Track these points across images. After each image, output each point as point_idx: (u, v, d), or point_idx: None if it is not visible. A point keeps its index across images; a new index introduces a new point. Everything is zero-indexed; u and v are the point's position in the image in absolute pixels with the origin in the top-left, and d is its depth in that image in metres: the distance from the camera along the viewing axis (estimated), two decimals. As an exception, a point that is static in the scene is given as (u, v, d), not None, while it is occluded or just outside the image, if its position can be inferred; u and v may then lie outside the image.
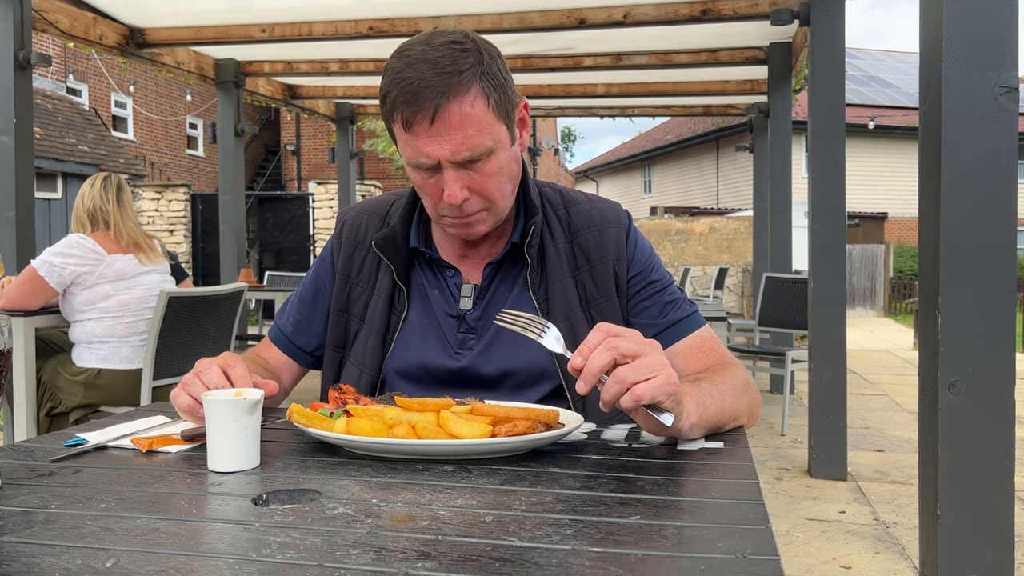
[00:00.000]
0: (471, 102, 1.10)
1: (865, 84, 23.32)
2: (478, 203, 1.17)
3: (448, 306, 1.28)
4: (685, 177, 25.78)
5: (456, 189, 1.14)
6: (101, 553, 0.65)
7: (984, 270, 1.92)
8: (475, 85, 1.10)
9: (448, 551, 0.65)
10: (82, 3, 5.24)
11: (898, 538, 3.23)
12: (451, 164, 1.13)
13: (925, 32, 2.02)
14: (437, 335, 1.27)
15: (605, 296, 1.27)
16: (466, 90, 1.09)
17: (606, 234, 1.29)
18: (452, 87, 1.08)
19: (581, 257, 1.28)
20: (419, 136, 1.11)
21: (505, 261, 1.28)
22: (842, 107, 4.00)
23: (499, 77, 1.13)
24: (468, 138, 1.10)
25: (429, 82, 1.08)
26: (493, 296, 1.27)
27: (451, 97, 1.08)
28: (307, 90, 7.98)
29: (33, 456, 0.98)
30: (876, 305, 15.21)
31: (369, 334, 1.29)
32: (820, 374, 4.04)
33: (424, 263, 1.31)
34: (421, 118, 1.09)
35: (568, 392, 1.23)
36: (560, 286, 1.26)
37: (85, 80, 17.29)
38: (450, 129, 1.10)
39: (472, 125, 1.10)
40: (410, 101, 1.09)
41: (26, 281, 3.07)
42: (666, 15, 4.99)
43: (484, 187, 1.16)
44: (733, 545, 0.66)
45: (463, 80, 1.09)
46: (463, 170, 1.14)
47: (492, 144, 1.13)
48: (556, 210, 1.31)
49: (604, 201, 1.35)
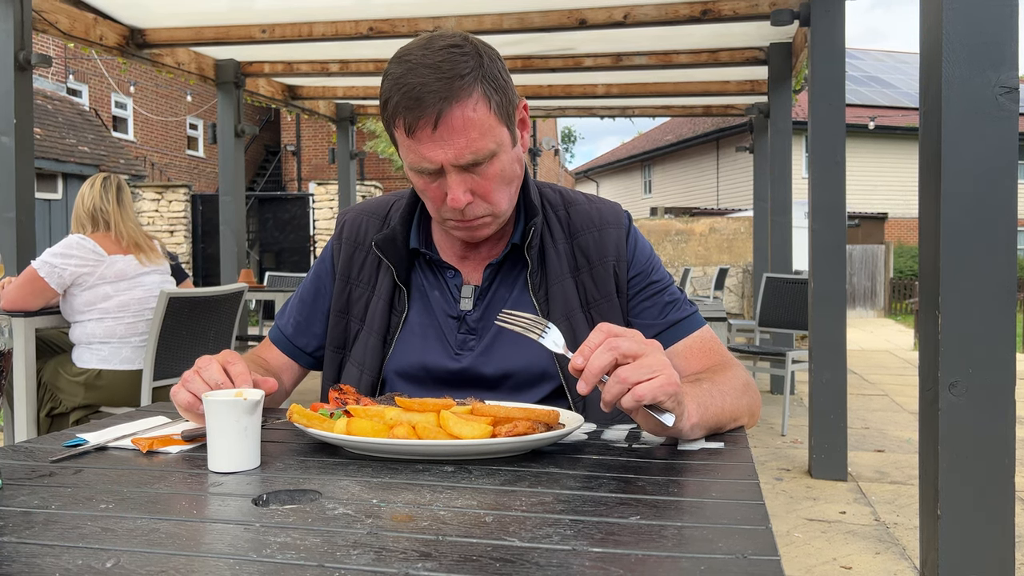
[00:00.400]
0: (473, 106, 1.09)
1: (865, 84, 23.32)
2: (481, 207, 1.17)
3: (448, 307, 1.28)
4: (685, 177, 25.78)
5: (459, 193, 1.13)
6: (101, 553, 0.65)
7: (984, 270, 1.92)
8: (477, 89, 1.10)
9: (448, 551, 0.65)
10: (82, 4, 5.24)
11: (898, 538, 3.23)
12: (454, 168, 1.12)
13: (925, 32, 2.02)
14: (437, 336, 1.27)
15: (605, 297, 1.27)
16: (468, 94, 1.09)
17: (606, 235, 1.29)
18: (454, 92, 1.08)
19: (581, 258, 1.28)
20: (422, 141, 1.11)
21: (505, 262, 1.28)
22: (842, 107, 4.00)
23: (500, 79, 1.13)
24: (471, 142, 1.10)
25: (431, 87, 1.08)
26: (493, 297, 1.27)
27: (454, 102, 1.08)
28: (307, 91, 7.98)
29: (33, 456, 0.98)
30: (876, 305, 15.21)
31: (369, 335, 1.29)
32: (820, 374, 4.04)
33: (424, 264, 1.31)
34: (424, 123, 1.09)
35: (568, 392, 1.23)
36: (560, 287, 1.26)
37: (85, 81, 17.30)
38: (453, 134, 1.09)
39: (475, 129, 1.10)
40: (412, 107, 1.09)
41: (26, 282, 3.07)
42: (666, 15, 4.99)
43: (487, 190, 1.16)
44: (733, 545, 0.66)
45: (465, 84, 1.09)
46: (466, 173, 1.13)
47: (495, 147, 1.13)
48: (556, 211, 1.32)
49: (604, 202, 1.35)
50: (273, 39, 5.64)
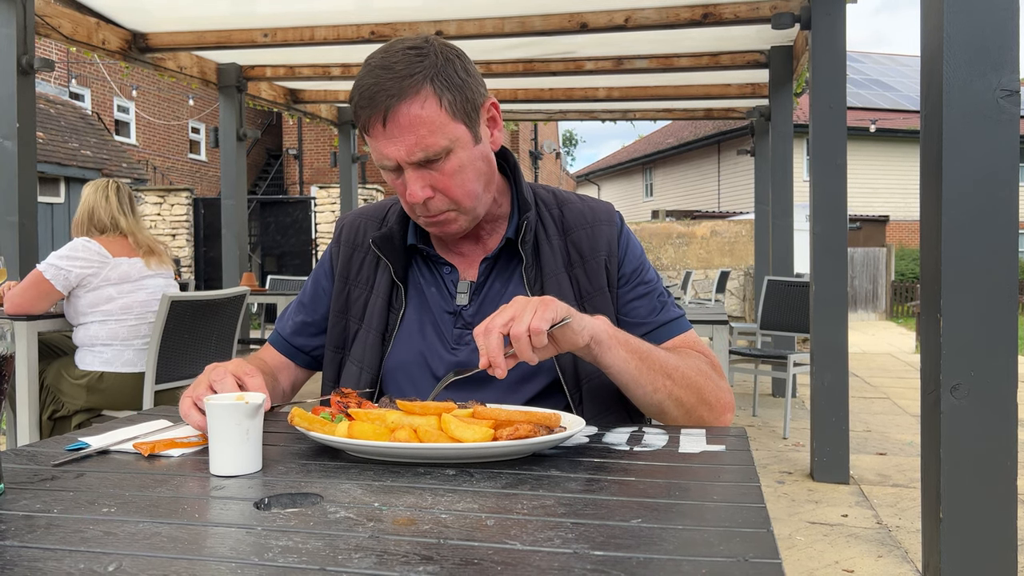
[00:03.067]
0: (421, 103, 1.13)
1: (866, 87, 23.33)
2: (443, 202, 1.20)
3: (445, 302, 1.30)
4: (686, 181, 25.78)
5: (417, 188, 1.17)
6: (103, 557, 0.66)
7: (986, 273, 1.92)
8: (426, 87, 1.13)
9: (450, 555, 0.66)
10: (85, 8, 5.25)
11: (900, 541, 3.23)
12: (408, 164, 1.16)
13: (926, 35, 2.02)
14: (435, 331, 1.29)
15: (598, 290, 1.30)
16: (415, 92, 1.13)
17: (598, 231, 1.32)
18: (402, 90, 1.12)
19: (575, 253, 1.31)
20: (376, 138, 1.16)
21: (500, 257, 1.31)
22: (843, 110, 4.00)
23: (456, 78, 1.16)
24: (421, 139, 1.14)
25: (382, 86, 1.13)
26: (489, 292, 1.30)
27: (401, 99, 1.12)
28: (309, 94, 7.99)
29: (35, 460, 0.98)
30: (878, 308, 15.19)
31: (368, 333, 1.31)
32: (822, 377, 4.03)
33: (421, 261, 1.34)
34: (374, 120, 1.14)
35: (565, 385, 1.24)
36: (555, 280, 1.29)
37: (88, 85, 17.33)
38: (401, 131, 1.14)
39: (424, 126, 1.13)
40: (365, 105, 1.14)
41: (32, 285, 3.08)
42: (667, 19, 4.99)
43: (446, 186, 1.19)
44: (735, 548, 0.66)
45: (413, 83, 1.13)
46: (423, 170, 1.17)
47: (448, 143, 1.16)
48: (550, 209, 1.35)
49: (597, 201, 1.39)
50: (275, 43, 5.65)
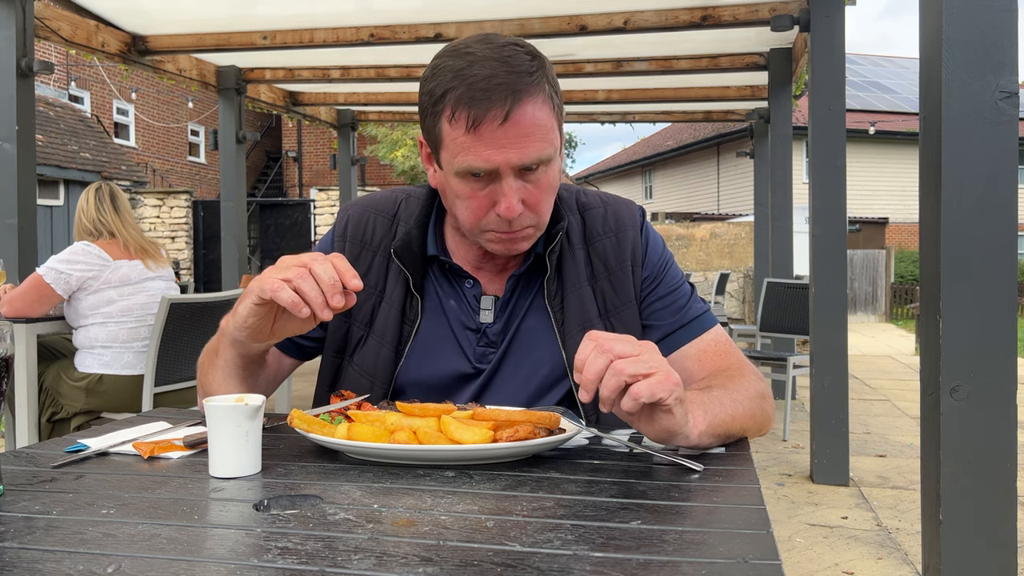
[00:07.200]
0: (540, 105, 1.05)
1: (865, 89, 23.34)
2: (528, 218, 1.12)
3: (466, 317, 1.22)
4: (686, 183, 25.79)
5: (514, 201, 1.07)
6: (103, 559, 0.65)
7: (985, 275, 1.92)
8: (544, 88, 1.06)
9: (449, 556, 0.65)
10: (84, 11, 5.25)
11: (900, 543, 3.22)
12: (512, 172, 1.07)
13: (925, 37, 2.02)
14: (454, 347, 1.22)
15: (626, 303, 1.23)
16: (537, 92, 1.05)
17: (623, 238, 1.25)
18: (525, 87, 1.03)
19: (599, 264, 1.24)
20: (483, 137, 1.04)
21: (526, 272, 1.24)
22: (842, 112, 4.01)
23: (557, 84, 1.10)
24: (536, 143, 1.06)
25: (500, 79, 1.02)
26: (514, 308, 1.23)
27: (524, 97, 1.03)
28: (308, 97, 8.00)
29: (35, 462, 0.98)
30: (877, 310, 15.19)
31: (381, 345, 1.22)
32: (822, 379, 4.04)
33: (439, 271, 1.25)
34: (492, 117, 1.02)
35: (573, 380, 1.19)
36: (577, 295, 1.22)
37: (87, 87, 17.34)
38: (520, 132, 1.04)
39: (540, 130, 1.06)
40: (480, 99, 1.02)
41: (31, 288, 3.08)
42: (666, 21, 5.00)
43: (536, 199, 1.11)
44: (734, 550, 0.66)
45: (535, 81, 1.04)
46: (520, 180, 1.08)
47: (552, 152, 1.09)
48: (571, 215, 1.27)
49: (619, 202, 1.30)
50: (274, 45, 5.66)
